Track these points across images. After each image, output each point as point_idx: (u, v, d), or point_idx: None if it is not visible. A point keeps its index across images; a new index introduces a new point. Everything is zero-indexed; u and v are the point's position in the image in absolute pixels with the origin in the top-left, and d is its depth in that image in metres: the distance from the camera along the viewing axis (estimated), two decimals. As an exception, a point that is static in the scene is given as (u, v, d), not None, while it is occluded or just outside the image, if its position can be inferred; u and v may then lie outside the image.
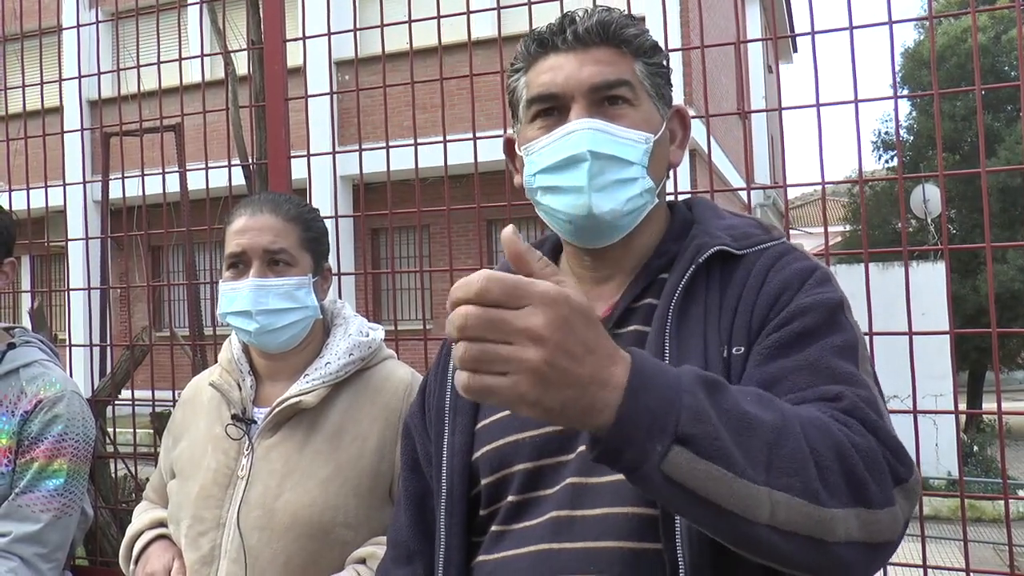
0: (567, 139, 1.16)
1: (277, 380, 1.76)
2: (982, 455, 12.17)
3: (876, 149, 19.20)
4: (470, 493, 1.23)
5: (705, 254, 1.16)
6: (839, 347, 1.06)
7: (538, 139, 1.20)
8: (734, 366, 1.08)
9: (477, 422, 1.24)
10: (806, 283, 1.12)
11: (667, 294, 1.15)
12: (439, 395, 1.30)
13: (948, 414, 2.20)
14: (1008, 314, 14.55)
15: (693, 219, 1.27)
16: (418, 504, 1.33)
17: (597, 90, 1.18)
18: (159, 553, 1.74)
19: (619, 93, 1.18)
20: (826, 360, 1.04)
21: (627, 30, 1.20)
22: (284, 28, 2.50)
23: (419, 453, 1.35)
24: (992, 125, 16.19)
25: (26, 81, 3.02)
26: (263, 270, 1.70)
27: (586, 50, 1.19)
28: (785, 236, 1.23)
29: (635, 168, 1.17)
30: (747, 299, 1.12)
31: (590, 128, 1.16)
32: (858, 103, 2.00)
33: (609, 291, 1.24)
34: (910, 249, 2.08)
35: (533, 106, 1.22)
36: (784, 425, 0.90)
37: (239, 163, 2.77)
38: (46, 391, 2.06)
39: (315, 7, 2.67)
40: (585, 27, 1.19)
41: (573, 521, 1.10)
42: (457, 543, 1.21)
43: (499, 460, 1.19)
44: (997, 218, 14.66)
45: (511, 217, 2.29)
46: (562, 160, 1.16)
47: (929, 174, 2.98)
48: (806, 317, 1.07)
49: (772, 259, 1.16)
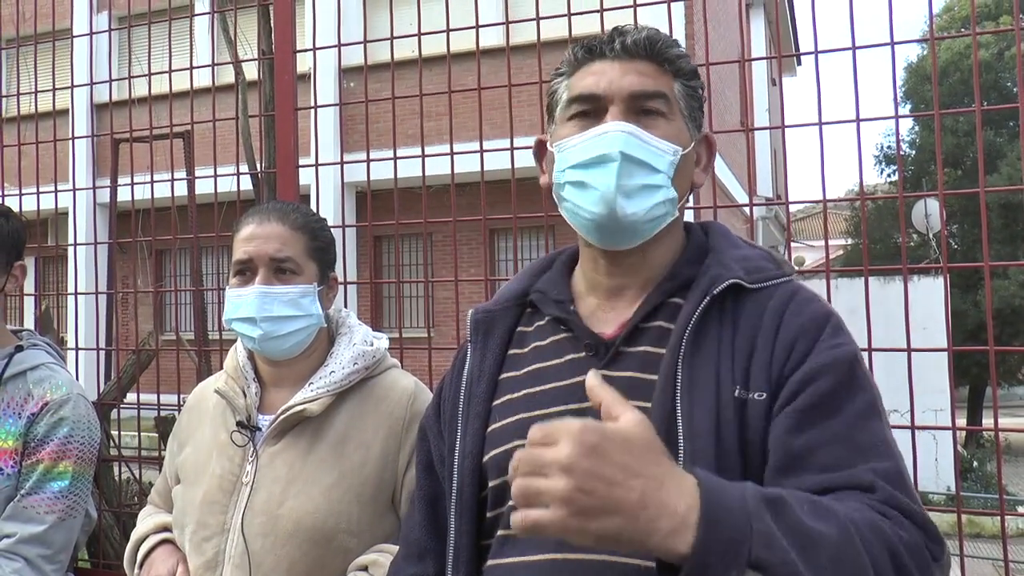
0: (601, 138, 1.21)
1: (282, 387, 1.78)
2: (982, 471, 12.16)
3: (878, 163, 19.23)
4: (480, 495, 1.25)
5: (719, 287, 1.19)
6: (863, 412, 1.10)
7: (571, 136, 1.25)
8: (750, 408, 1.12)
9: (489, 425, 1.27)
10: (823, 332, 1.15)
11: (681, 323, 1.18)
12: (453, 398, 1.34)
13: (947, 430, 2.22)
14: (1009, 330, 14.54)
15: (708, 245, 1.30)
16: (432, 504, 1.36)
17: (636, 98, 1.23)
18: (164, 557, 1.76)
19: (655, 105, 1.23)
20: (854, 432, 1.08)
21: (672, 50, 1.26)
22: (295, 38, 2.53)
23: (433, 454, 1.38)
24: (994, 140, 16.22)
25: (35, 84, 3.05)
26: (269, 277, 1.72)
27: (631, 61, 1.24)
28: (795, 270, 1.27)
29: (661, 176, 1.21)
30: (763, 344, 1.15)
31: (623, 131, 1.20)
32: (860, 122, 2.03)
33: (622, 306, 1.27)
34: (910, 267, 2.10)
35: (573, 105, 1.26)
36: (844, 537, 0.94)
37: (248, 171, 2.79)
38: (52, 394, 2.07)
39: (324, 15, 2.70)
40: (633, 39, 1.25)
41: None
42: (466, 543, 1.24)
43: (505, 463, 1.21)
44: (999, 234, 14.67)
45: (517, 227, 2.31)
46: (593, 158, 1.21)
47: (929, 193, 3.00)
48: (829, 377, 1.11)
49: (784, 301, 1.19)
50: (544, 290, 1.33)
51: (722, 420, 1.11)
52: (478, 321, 1.36)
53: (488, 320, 1.35)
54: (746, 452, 1.11)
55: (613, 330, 1.24)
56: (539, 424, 0.90)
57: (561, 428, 0.87)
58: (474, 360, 1.33)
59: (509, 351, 1.32)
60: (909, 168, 17.80)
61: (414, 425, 1.72)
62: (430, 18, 2.45)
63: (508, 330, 1.34)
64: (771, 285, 1.22)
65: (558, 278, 1.35)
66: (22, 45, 3.15)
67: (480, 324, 1.35)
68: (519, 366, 1.30)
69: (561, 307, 1.30)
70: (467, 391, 1.31)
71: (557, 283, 1.34)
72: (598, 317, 1.28)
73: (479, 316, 1.36)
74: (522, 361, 1.30)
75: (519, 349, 1.32)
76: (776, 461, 1.08)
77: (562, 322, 1.29)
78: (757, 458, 1.11)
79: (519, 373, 1.29)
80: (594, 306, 1.29)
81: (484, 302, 1.40)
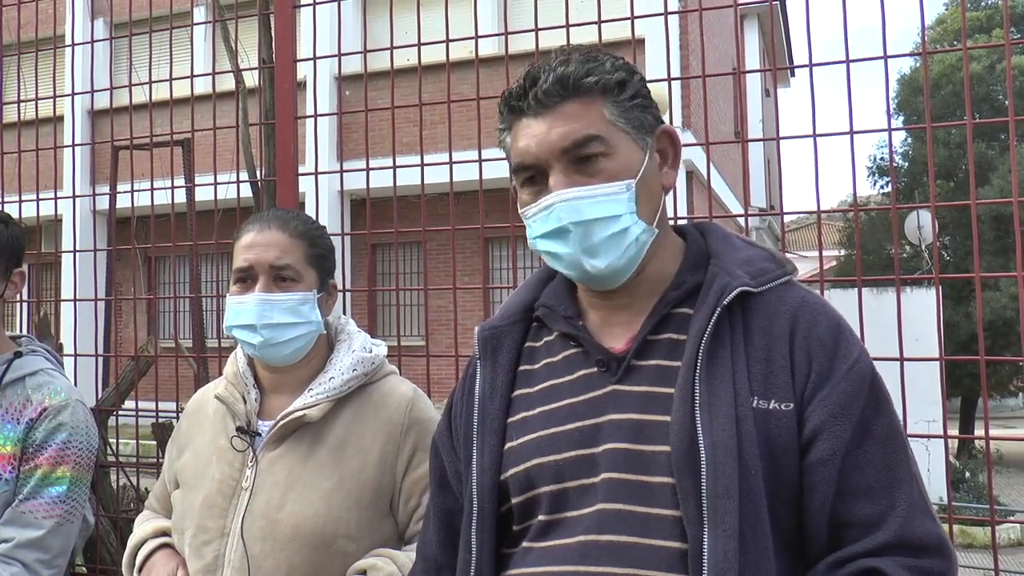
0: (548, 213, 1.22)
1: (281, 393, 1.80)
2: (974, 481, 12.18)
3: (872, 174, 19.30)
4: (500, 510, 1.27)
5: (728, 296, 1.20)
6: (886, 439, 1.16)
7: (529, 206, 1.25)
8: (774, 418, 1.14)
9: (506, 443, 1.28)
10: (839, 344, 1.18)
11: (694, 336, 1.19)
12: (467, 415, 1.34)
13: (938, 439, 2.24)
14: (1001, 341, 14.57)
15: (708, 249, 1.30)
16: (446, 520, 1.37)
17: (567, 151, 1.20)
18: (163, 561, 1.77)
19: (591, 150, 1.20)
20: (886, 476, 1.14)
21: (586, 79, 1.21)
22: (295, 48, 2.55)
23: (447, 471, 1.39)
24: (986, 153, 16.30)
25: (28, 89, 3.05)
26: (269, 285, 1.73)
27: (551, 110, 1.21)
28: (796, 268, 1.28)
29: (623, 218, 1.20)
30: (780, 354, 1.18)
31: (564, 201, 1.20)
32: (853, 134, 2.05)
33: (627, 320, 1.28)
34: (902, 278, 2.13)
35: (519, 174, 1.26)
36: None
37: (247, 179, 2.81)
38: (51, 399, 2.08)
39: (322, 23, 2.71)
40: (544, 90, 1.21)
41: (600, 546, 1.15)
42: (488, 558, 1.26)
43: (528, 482, 1.24)
44: (991, 245, 14.72)
45: (514, 236, 2.33)
46: (551, 231, 1.22)
47: (920, 204, 3.03)
48: (859, 401, 1.16)
49: (793, 308, 1.21)
50: (550, 305, 1.34)
51: (742, 432, 1.13)
52: (486, 338, 1.36)
53: (496, 336, 1.36)
54: (772, 460, 1.13)
55: (623, 344, 1.25)
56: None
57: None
58: (485, 377, 1.33)
59: (520, 367, 1.33)
60: (902, 180, 17.87)
61: (412, 431, 1.73)
62: (429, 28, 2.47)
63: (517, 346, 1.35)
64: (775, 286, 1.23)
65: (562, 291, 1.35)
66: (21, 52, 3.16)
67: (488, 341, 1.36)
68: (532, 383, 1.31)
69: (570, 323, 1.30)
70: (480, 408, 1.31)
71: (562, 297, 1.34)
72: (605, 331, 1.28)
73: (486, 333, 1.37)
74: (535, 378, 1.31)
75: (530, 365, 1.33)
76: (827, 493, 1.13)
77: (571, 338, 1.30)
78: (785, 466, 1.14)
79: (532, 390, 1.30)
80: (600, 320, 1.30)
81: (490, 318, 1.40)
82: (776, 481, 1.13)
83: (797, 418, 1.15)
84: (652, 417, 1.17)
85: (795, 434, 1.14)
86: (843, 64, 2.07)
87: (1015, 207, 1.88)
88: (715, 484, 1.09)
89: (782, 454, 1.13)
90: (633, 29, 2.36)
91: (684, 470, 1.12)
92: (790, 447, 1.14)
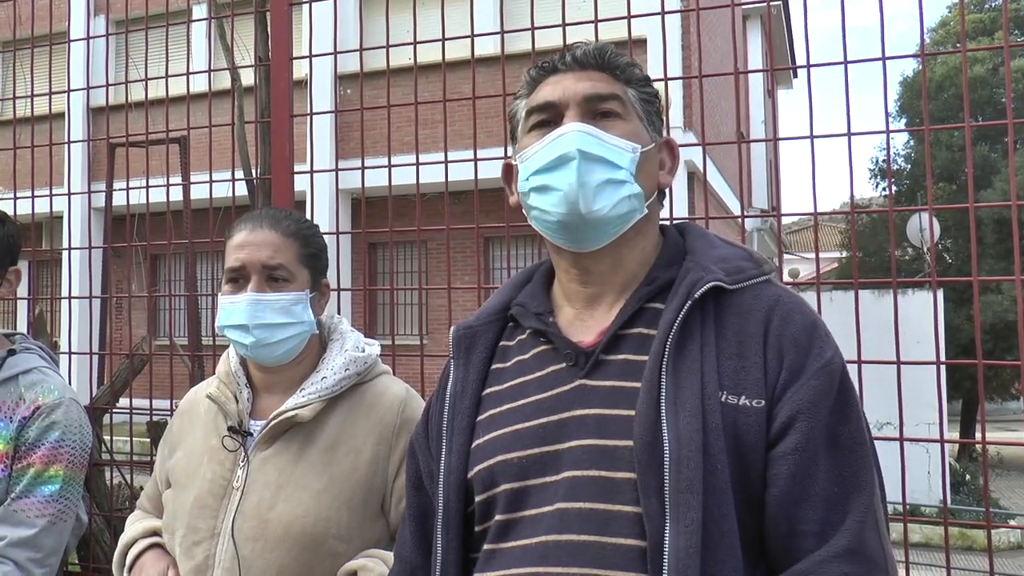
0: (559, 140, 1.24)
1: (273, 393, 1.79)
2: (974, 484, 12.17)
3: (873, 177, 19.29)
4: (466, 511, 1.26)
5: (700, 290, 1.19)
6: (851, 448, 1.13)
7: (532, 145, 1.27)
8: (743, 414, 1.12)
9: (473, 441, 1.27)
10: (813, 342, 1.17)
11: (663, 329, 1.18)
12: (438, 415, 1.34)
13: (937, 442, 2.23)
14: (1003, 344, 14.54)
15: (685, 247, 1.30)
16: (421, 521, 1.37)
17: (590, 100, 1.26)
18: (153, 561, 1.76)
19: (611, 107, 1.27)
20: (845, 486, 1.11)
21: (621, 59, 1.31)
22: (291, 46, 2.54)
23: (422, 471, 1.39)
24: (989, 156, 16.27)
25: (30, 85, 3.05)
26: (261, 285, 1.73)
27: (583, 70, 1.29)
28: (776, 268, 1.27)
29: (623, 172, 1.23)
30: (752, 350, 1.16)
31: (579, 130, 1.23)
32: (851, 136, 2.04)
33: (599, 314, 1.27)
34: (900, 281, 2.12)
35: (532, 116, 1.29)
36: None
37: (243, 178, 2.80)
38: (44, 397, 2.08)
39: (320, 22, 2.71)
40: (583, 51, 1.30)
41: (561, 546, 1.13)
42: (453, 559, 1.24)
43: (490, 479, 1.22)
44: (992, 248, 14.69)
45: (509, 236, 2.33)
46: (553, 160, 1.23)
47: (919, 207, 3.03)
48: (828, 401, 1.13)
49: (768, 305, 1.19)
50: (524, 303, 1.34)
51: (709, 426, 1.11)
52: (460, 338, 1.37)
53: (470, 336, 1.36)
54: (739, 456, 1.11)
55: (592, 339, 1.24)
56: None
57: None
58: (457, 376, 1.34)
59: (492, 366, 1.33)
60: (904, 182, 17.84)
61: (404, 431, 1.72)
62: (426, 27, 2.46)
63: (490, 345, 1.34)
64: (751, 284, 1.22)
65: (538, 290, 1.35)
66: (19, 48, 3.16)
67: (462, 340, 1.36)
68: (502, 380, 1.30)
69: (540, 319, 1.30)
70: (451, 407, 1.31)
71: (537, 295, 1.35)
72: (577, 327, 1.28)
73: (460, 333, 1.37)
74: (505, 376, 1.30)
75: (502, 364, 1.32)
76: (783, 489, 1.11)
77: (541, 334, 1.29)
78: (753, 464, 1.12)
79: (502, 388, 1.29)
80: (573, 316, 1.29)
81: (466, 318, 1.40)
82: (743, 479, 1.11)
83: (767, 415, 1.13)
84: (618, 412, 1.16)
85: (764, 432, 1.12)
86: (841, 65, 2.06)
87: (1014, 210, 1.87)
88: (678, 478, 1.07)
89: (750, 451, 1.11)
90: (630, 29, 2.35)
91: (646, 464, 1.10)
92: (759, 444, 1.12)
